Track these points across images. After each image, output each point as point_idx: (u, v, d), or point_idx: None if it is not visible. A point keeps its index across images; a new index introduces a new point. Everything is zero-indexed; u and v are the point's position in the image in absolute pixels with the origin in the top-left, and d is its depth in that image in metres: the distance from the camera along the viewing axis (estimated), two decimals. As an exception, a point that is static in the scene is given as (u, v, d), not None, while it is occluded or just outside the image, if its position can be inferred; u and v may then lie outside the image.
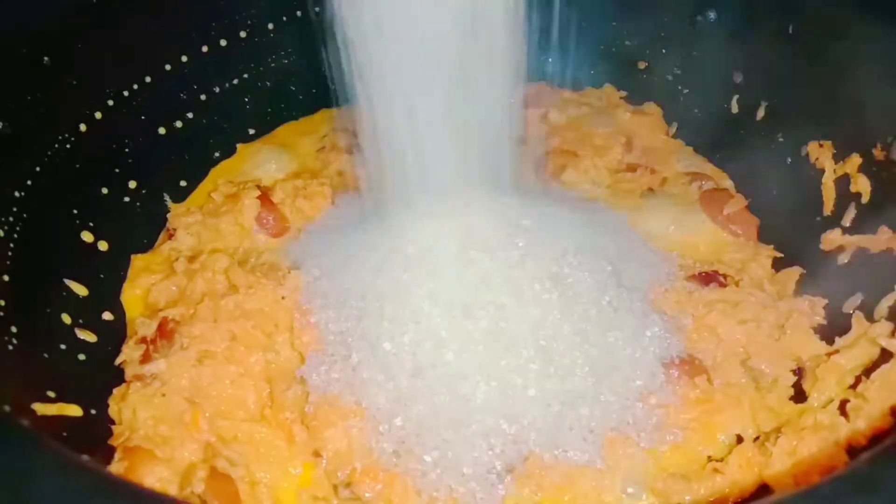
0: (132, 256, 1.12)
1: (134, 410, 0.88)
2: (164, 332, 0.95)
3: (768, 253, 1.14)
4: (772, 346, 0.99)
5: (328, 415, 0.89)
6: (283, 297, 1.00)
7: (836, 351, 0.96)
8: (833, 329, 1.00)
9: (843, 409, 0.89)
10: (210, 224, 1.13)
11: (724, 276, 1.08)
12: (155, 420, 0.88)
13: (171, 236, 1.14)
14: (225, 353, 0.93)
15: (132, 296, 1.07)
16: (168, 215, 1.18)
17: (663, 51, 1.35)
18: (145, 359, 0.94)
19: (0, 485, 0.51)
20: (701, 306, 1.03)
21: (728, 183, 1.26)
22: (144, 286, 1.07)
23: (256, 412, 0.91)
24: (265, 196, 1.16)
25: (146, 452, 0.83)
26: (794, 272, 1.10)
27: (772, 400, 0.95)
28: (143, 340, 0.95)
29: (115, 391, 0.93)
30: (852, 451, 0.84)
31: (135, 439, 0.85)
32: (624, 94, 1.38)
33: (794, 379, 0.98)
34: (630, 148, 1.30)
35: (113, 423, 0.91)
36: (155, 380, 0.91)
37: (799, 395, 0.97)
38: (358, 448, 0.88)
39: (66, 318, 0.99)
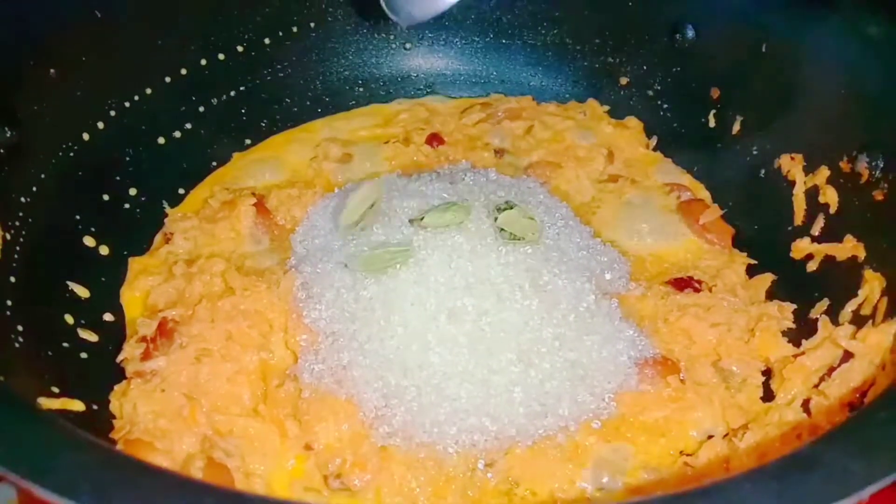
0: (130, 259, 1.15)
1: (135, 405, 0.92)
2: (164, 331, 0.99)
3: (742, 260, 1.18)
4: (742, 348, 1.04)
5: (319, 410, 0.93)
6: (278, 300, 1.04)
7: (803, 353, 1.01)
8: (801, 332, 1.05)
9: (805, 406, 0.94)
10: (206, 229, 1.17)
11: (699, 282, 1.13)
12: (154, 414, 0.91)
13: (168, 240, 1.18)
14: (221, 352, 0.97)
15: (131, 297, 1.10)
16: (165, 220, 1.21)
17: (644, 67, 1.40)
18: (146, 356, 0.97)
19: (18, 458, 0.55)
20: (675, 310, 1.07)
21: (705, 193, 1.31)
22: (143, 288, 1.10)
23: (251, 408, 0.95)
24: (260, 203, 1.20)
25: (146, 444, 0.87)
26: (766, 278, 1.15)
27: (741, 399, 1.00)
28: (144, 339, 0.99)
29: (116, 387, 0.97)
30: (813, 445, 0.89)
31: (135, 432, 0.89)
32: (607, 108, 1.43)
33: (762, 379, 1.03)
34: (612, 160, 1.34)
35: (114, 417, 0.94)
36: (155, 376, 0.95)
37: (767, 395, 1.02)
38: (348, 442, 0.92)
39: (69, 319, 1.03)
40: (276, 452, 0.92)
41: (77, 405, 0.91)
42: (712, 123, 1.32)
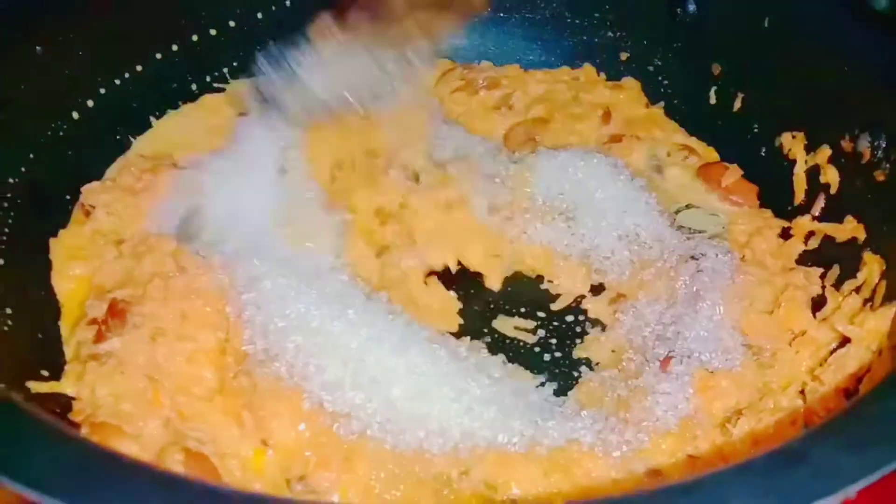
0: (51, 241, 1.06)
1: (92, 389, 0.88)
2: (115, 312, 0.93)
3: (777, 223, 1.14)
4: (767, 321, 1.00)
5: (275, 406, 0.88)
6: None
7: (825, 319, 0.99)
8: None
9: (801, 392, 0.93)
10: (130, 202, 1.08)
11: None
12: (116, 397, 0.87)
13: (87, 213, 1.10)
14: (177, 331, 0.92)
15: (67, 290, 1.02)
16: (82, 189, 1.11)
17: (644, 42, 1.37)
18: (99, 338, 0.92)
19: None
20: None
21: (714, 155, 1.28)
22: (77, 276, 1.03)
23: (215, 389, 0.91)
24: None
25: (114, 428, 0.83)
26: (798, 245, 1.11)
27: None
28: (94, 321, 0.94)
29: (67, 368, 0.93)
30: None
31: (100, 416, 0.85)
32: (604, 76, 1.39)
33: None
34: (608, 119, 1.29)
35: (73, 399, 0.91)
36: (111, 358, 0.90)
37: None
38: (309, 441, 0.87)
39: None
40: (234, 441, 0.87)
41: (68, 388, 0.90)
42: (713, 100, 1.30)
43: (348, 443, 0.86)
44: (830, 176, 1.10)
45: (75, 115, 1.14)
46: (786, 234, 1.13)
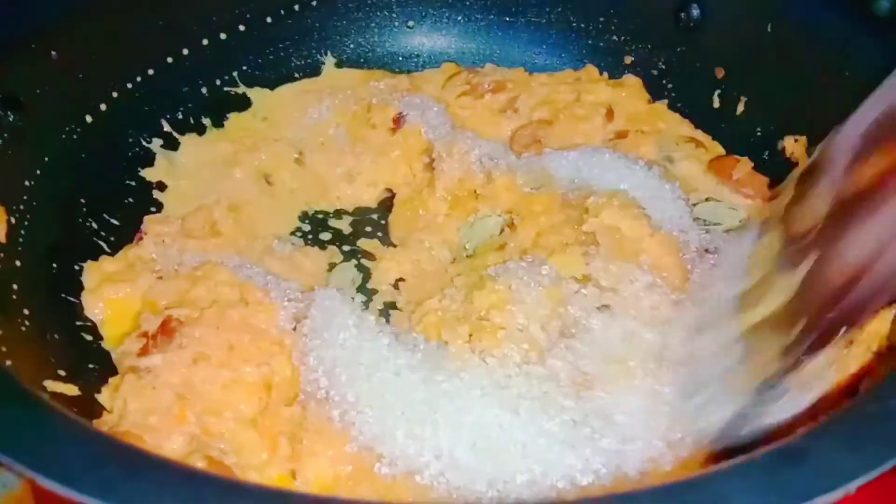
0: (87, 264, 1.08)
1: (125, 401, 0.89)
2: (167, 329, 0.94)
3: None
4: None
5: (315, 445, 0.86)
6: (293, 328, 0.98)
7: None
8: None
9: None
10: (181, 241, 1.11)
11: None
12: (145, 411, 0.88)
13: (140, 239, 1.12)
14: (220, 360, 0.92)
15: (106, 317, 1.03)
16: (145, 218, 1.16)
17: (649, 46, 1.39)
18: (143, 352, 0.93)
19: (21, 448, 0.56)
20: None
21: (720, 149, 1.29)
22: (112, 298, 1.04)
23: (247, 416, 0.90)
24: None
25: (135, 437, 0.84)
26: None
27: None
28: (145, 335, 0.95)
29: (110, 380, 0.95)
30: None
31: (124, 425, 0.86)
32: (606, 76, 1.40)
33: None
34: (611, 117, 1.30)
35: (103, 409, 0.92)
36: (149, 373, 0.91)
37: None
38: (346, 478, 0.86)
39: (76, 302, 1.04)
40: (261, 465, 0.86)
41: (72, 389, 0.91)
42: (717, 104, 1.32)
43: (387, 480, 0.84)
44: (831, 179, 1.11)
45: (88, 118, 1.17)
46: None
